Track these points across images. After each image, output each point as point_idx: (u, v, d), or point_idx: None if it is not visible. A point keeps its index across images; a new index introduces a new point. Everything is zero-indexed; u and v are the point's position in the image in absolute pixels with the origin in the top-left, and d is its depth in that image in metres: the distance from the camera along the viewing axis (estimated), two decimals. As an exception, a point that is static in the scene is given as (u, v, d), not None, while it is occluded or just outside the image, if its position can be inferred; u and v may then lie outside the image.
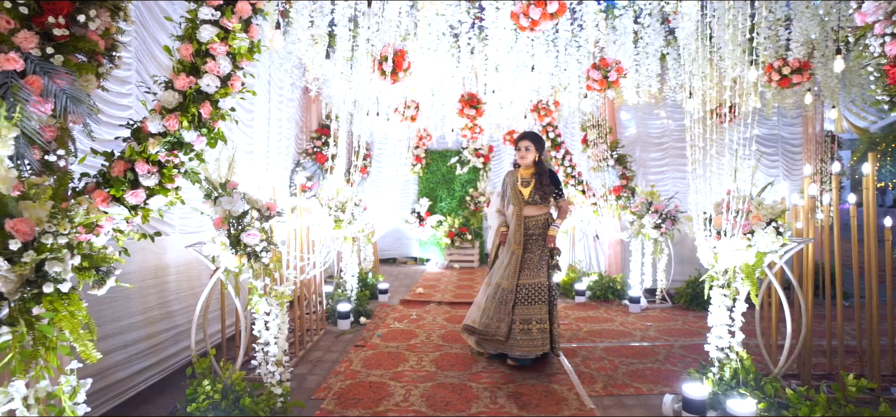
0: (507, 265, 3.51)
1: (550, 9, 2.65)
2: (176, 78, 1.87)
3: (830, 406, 2.13)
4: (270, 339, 2.48)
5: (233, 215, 2.42)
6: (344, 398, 2.94)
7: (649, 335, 4.36)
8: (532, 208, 3.56)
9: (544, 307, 3.40)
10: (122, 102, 2.81)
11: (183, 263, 3.48)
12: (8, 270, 1.19)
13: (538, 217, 3.57)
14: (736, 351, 2.61)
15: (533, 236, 3.55)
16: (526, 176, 3.60)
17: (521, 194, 3.57)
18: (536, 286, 3.43)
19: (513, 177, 3.66)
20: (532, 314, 3.39)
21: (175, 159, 1.88)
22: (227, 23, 1.89)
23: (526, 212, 3.56)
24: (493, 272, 3.65)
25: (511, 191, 3.61)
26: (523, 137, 3.59)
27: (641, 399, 2.97)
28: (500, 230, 3.72)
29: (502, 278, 3.49)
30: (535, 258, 3.51)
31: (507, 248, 3.59)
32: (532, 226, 3.55)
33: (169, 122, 1.82)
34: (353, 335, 4.38)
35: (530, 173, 3.60)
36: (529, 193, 3.55)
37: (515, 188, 3.60)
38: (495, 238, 3.78)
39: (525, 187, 3.57)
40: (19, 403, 1.22)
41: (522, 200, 3.56)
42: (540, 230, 3.55)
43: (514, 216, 3.56)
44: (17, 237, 1.24)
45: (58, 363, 1.32)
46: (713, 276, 2.68)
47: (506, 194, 3.69)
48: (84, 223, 1.48)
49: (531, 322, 3.36)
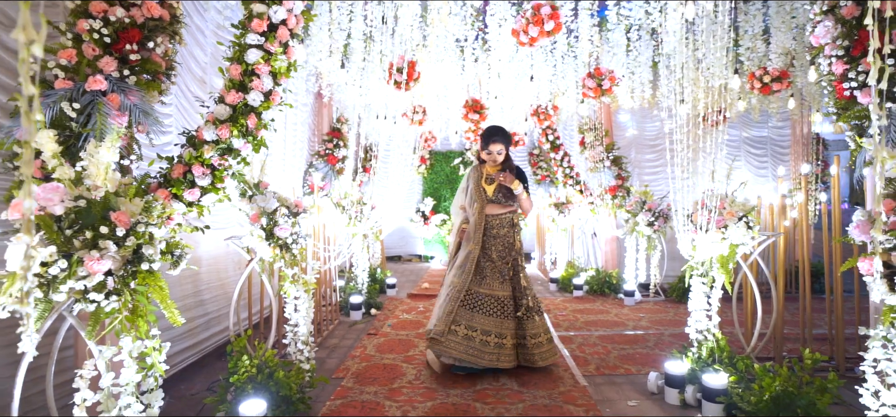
0: (463, 263, 3.29)
1: (547, 27, 2.97)
2: (227, 93, 2.19)
3: (790, 378, 2.44)
4: (300, 320, 2.81)
5: (266, 212, 2.75)
6: (361, 376, 3.26)
7: (641, 325, 4.68)
8: (495, 206, 3.35)
9: (509, 322, 3.20)
10: (165, 111, 3.14)
11: (212, 257, 3.81)
12: (116, 252, 1.52)
13: (502, 216, 3.36)
14: (712, 333, 2.93)
15: (495, 236, 3.33)
16: (492, 172, 3.40)
17: (485, 192, 3.36)
18: (500, 299, 3.23)
19: (477, 173, 3.45)
20: (491, 326, 3.16)
21: (225, 163, 2.20)
22: (270, 46, 2.22)
23: (488, 210, 3.35)
24: (448, 273, 3.43)
25: (474, 187, 3.39)
26: (495, 138, 3.33)
27: (630, 378, 3.29)
28: (461, 228, 3.49)
29: (455, 276, 3.28)
30: (496, 263, 3.29)
31: (465, 246, 3.38)
32: (495, 225, 3.34)
33: (221, 131, 2.15)
34: (365, 325, 4.70)
35: (497, 170, 3.39)
36: (494, 190, 3.35)
37: (479, 185, 3.38)
38: (455, 237, 3.53)
39: (490, 184, 3.37)
40: (126, 354, 1.55)
41: (486, 197, 3.35)
42: (504, 230, 3.35)
43: (476, 214, 3.34)
44: (119, 226, 1.57)
45: (147, 327, 1.65)
46: (693, 266, 2.99)
47: (469, 191, 3.46)
48: (160, 216, 1.81)
49: (490, 335, 3.14)
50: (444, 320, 3.14)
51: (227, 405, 2.50)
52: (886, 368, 1.65)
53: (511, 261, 3.35)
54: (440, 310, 3.23)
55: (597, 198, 6.18)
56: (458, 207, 3.61)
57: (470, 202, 3.43)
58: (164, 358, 1.72)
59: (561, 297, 6.14)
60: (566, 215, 7.12)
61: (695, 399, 2.76)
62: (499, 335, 3.16)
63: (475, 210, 3.35)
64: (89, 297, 1.47)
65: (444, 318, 3.15)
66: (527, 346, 3.25)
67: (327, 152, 6.41)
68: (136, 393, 1.59)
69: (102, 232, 1.52)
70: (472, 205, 3.39)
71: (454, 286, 3.24)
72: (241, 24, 2.24)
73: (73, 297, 1.45)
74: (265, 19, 2.19)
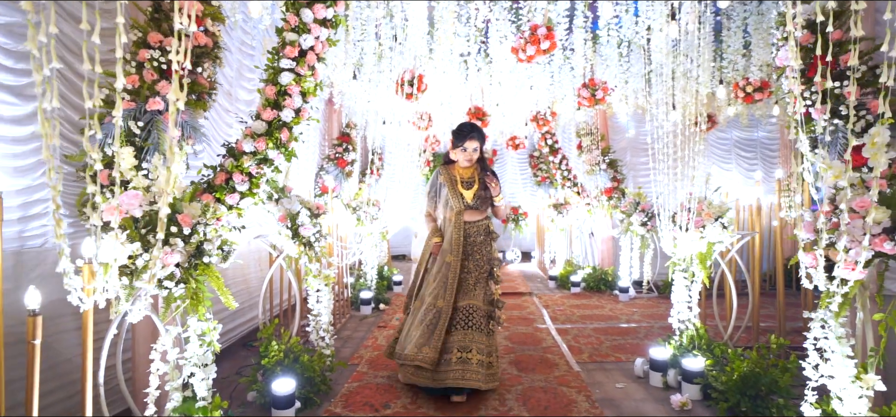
0: (443, 278, 2.98)
1: (543, 46, 3.28)
2: (263, 111, 2.52)
3: (759, 361, 2.75)
4: (322, 310, 3.13)
5: (291, 214, 3.07)
6: (374, 363, 3.58)
7: (634, 319, 5.00)
8: (473, 212, 3.07)
9: (482, 336, 2.90)
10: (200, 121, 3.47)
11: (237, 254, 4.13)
12: (183, 248, 1.84)
13: (480, 223, 3.09)
14: (693, 323, 3.25)
15: (474, 243, 3.05)
16: (466, 176, 3.10)
17: (463, 197, 3.05)
18: (474, 309, 2.94)
19: (449, 176, 3.11)
20: (472, 341, 2.87)
21: (261, 171, 2.53)
22: (300, 69, 2.54)
23: (467, 217, 3.05)
24: (423, 290, 3.10)
25: (450, 192, 3.07)
26: (472, 135, 3.02)
27: (619, 364, 3.61)
28: (433, 240, 3.14)
29: (436, 296, 2.95)
30: (473, 275, 3.01)
31: (440, 258, 3.05)
32: (473, 233, 3.05)
33: (259, 144, 2.47)
34: (374, 319, 5.03)
35: (472, 172, 3.11)
36: (473, 195, 3.06)
37: (455, 190, 3.06)
38: (426, 249, 3.18)
39: (467, 188, 3.07)
40: (192, 331, 1.87)
41: (464, 204, 3.04)
42: (481, 238, 3.07)
43: (452, 223, 3.04)
44: (184, 226, 1.89)
45: (204, 310, 1.97)
46: (675, 262, 3.31)
47: (439, 196, 3.14)
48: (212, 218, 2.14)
49: (471, 351, 2.83)
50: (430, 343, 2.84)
51: (259, 384, 2.83)
52: (823, 345, 1.96)
53: (485, 273, 3.07)
54: (419, 336, 2.89)
55: (593, 199, 6.49)
56: (427, 215, 3.25)
57: (444, 207, 3.11)
58: (218, 336, 2.04)
59: (559, 294, 6.45)
60: (564, 216, 7.44)
61: (676, 381, 3.07)
62: (480, 350, 2.85)
63: (449, 218, 3.07)
64: (163, 284, 1.80)
65: (434, 343, 2.83)
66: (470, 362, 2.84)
67: (337, 156, 6.74)
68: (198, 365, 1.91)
69: (172, 231, 1.84)
70: (446, 210, 3.09)
71: (437, 308, 2.92)
72: (274, 50, 2.56)
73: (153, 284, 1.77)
74: (296, 46, 2.51)
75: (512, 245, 9.77)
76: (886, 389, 1.84)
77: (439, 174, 3.16)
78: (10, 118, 2.01)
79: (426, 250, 3.20)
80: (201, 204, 2.04)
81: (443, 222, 3.15)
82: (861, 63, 2.35)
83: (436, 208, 3.18)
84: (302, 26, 2.51)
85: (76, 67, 2.33)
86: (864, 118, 2.30)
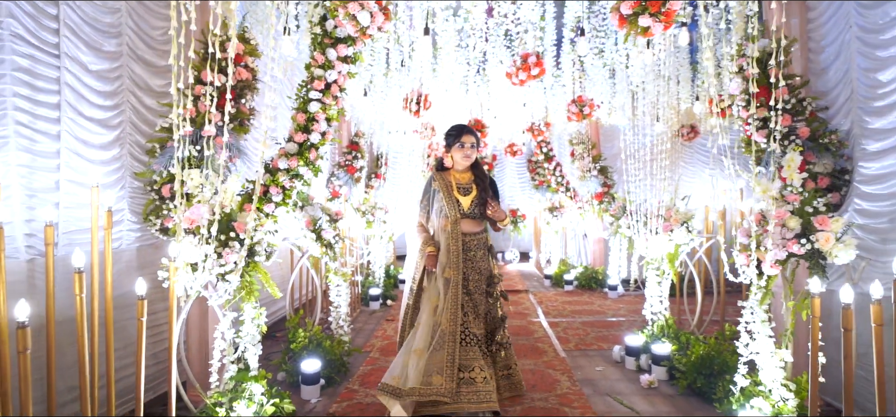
0: (443, 296, 2.69)
1: (534, 72, 3.76)
2: (294, 135, 3.00)
3: (715, 345, 3.22)
4: (341, 302, 3.62)
5: (315, 219, 3.56)
6: (384, 350, 4.07)
7: (619, 313, 5.47)
8: (471, 222, 2.81)
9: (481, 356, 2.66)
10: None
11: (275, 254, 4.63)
12: (239, 249, 2.33)
13: (479, 237, 2.85)
14: (663, 314, 3.72)
15: (473, 257, 2.79)
16: (463, 181, 2.85)
17: (460, 205, 2.79)
18: (479, 335, 2.74)
19: (444, 182, 2.84)
20: (472, 358, 2.61)
21: (293, 185, 3.01)
22: (326, 99, 3.02)
23: (464, 227, 2.78)
24: (421, 310, 2.77)
25: (445, 200, 2.79)
26: (465, 131, 2.84)
27: (601, 352, 4.09)
28: (427, 251, 2.80)
29: (439, 315, 2.67)
30: (478, 294, 2.79)
31: (438, 274, 2.74)
32: (473, 246, 2.79)
33: (292, 162, 2.96)
34: (382, 313, 5.52)
35: (469, 178, 2.87)
36: (470, 203, 2.80)
37: (451, 197, 2.80)
38: (420, 263, 2.84)
39: (464, 195, 2.81)
40: (246, 315, 2.36)
41: (461, 211, 2.78)
42: (481, 252, 2.83)
43: (448, 233, 2.75)
44: (240, 232, 2.38)
45: (253, 299, 2.46)
46: (648, 261, 3.79)
47: (432, 204, 2.87)
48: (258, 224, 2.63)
49: (473, 369, 2.58)
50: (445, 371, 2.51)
51: (288, 365, 3.32)
52: (752, 327, 2.43)
53: (487, 294, 2.85)
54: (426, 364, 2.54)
55: (585, 203, 6.97)
56: (419, 226, 2.94)
57: (438, 215, 2.83)
58: (265, 320, 2.54)
59: (553, 291, 6.94)
60: (559, 218, 7.91)
61: (647, 364, 3.55)
62: (482, 367, 2.61)
63: (445, 227, 2.77)
64: (227, 278, 2.28)
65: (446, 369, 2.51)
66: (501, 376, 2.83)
67: (347, 163, 7.23)
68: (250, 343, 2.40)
69: (231, 236, 2.33)
70: (440, 218, 2.81)
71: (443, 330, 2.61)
72: (303, 83, 3.04)
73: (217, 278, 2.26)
74: (322, 80, 2.99)
75: (511, 246, 10.24)
76: (794, 360, 2.32)
77: (432, 180, 2.89)
78: (99, 145, 2.50)
79: (419, 265, 2.83)
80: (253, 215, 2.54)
81: (436, 232, 2.84)
82: (791, 96, 2.83)
83: (429, 217, 2.90)
84: (327, 63, 2.99)
85: (145, 100, 2.82)
86: (793, 142, 2.78)
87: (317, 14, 3.02)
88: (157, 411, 2.81)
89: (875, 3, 2.50)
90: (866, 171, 2.58)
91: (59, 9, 2.22)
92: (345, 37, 2.97)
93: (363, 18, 2.73)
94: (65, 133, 2.28)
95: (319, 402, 3.06)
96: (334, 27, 2.95)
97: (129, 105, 2.71)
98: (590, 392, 3.20)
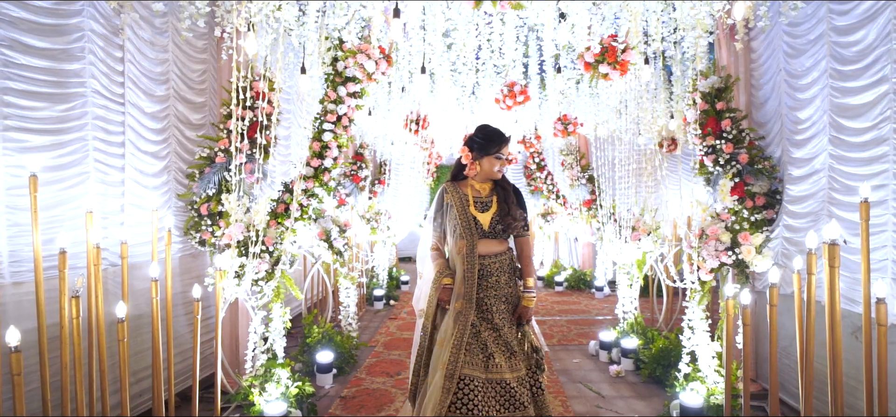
0: (451, 330, 2.18)
1: (519, 100, 4.26)
2: (311, 160, 3.52)
3: (674, 340, 3.72)
4: (350, 302, 4.14)
5: (327, 230, 4.08)
6: (389, 345, 4.58)
7: (603, 312, 5.97)
8: (491, 242, 2.29)
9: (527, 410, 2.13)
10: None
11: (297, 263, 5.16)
12: (269, 260, 2.85)
13: (501, 257, 2.30)
14: (633, 313, 4.22)
15: (495, 283, 2.25)
16: (482, 194, 2.33)
17: (477, 222, 2.27)
18: (508, 384, 2.15)
19: (459, 194, 2.32)
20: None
21: (310, 203, 3.53)
22: (337, 130, 3.54)
23: (482, 248, 2.26)
24: (434, 358, 2.22)
25: (458, 216, 2.28)
26: (506, 140, 2.29)
27: (580, 347, 4.59)
28: (442, 281, 2.30)
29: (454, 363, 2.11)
30: (500, 330, 2.19)
31: (451, 307, 2.24)
32: (495, 269, 2.26)
33: (308, 184, 3.47)
34: (386, 313, 6.04)
35: (488, 189, 2.34)
36: (490, 220, 2.28)
37: (466, 214, 2.28)
38: (433, 294, 2.31)
39: (483, 210, 2.29)
40: (276, 313, 2.89)
41: (478, 230, 2.27)
42: (504, 278, 2.27)
43: (463, 256, 2.24)
44: (267, 245, 2.90)
45: (280, 300, 2.98)
46: (620, 266, 4.29)
47: (446, 220, 2.36)
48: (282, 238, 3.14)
49: None
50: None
51: (304, 357, 3.84)
52: (692, 323, 2.93)
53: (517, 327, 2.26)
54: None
55: (575, 210, 7.46)
56: (433, 249, 2.42)
57: (452, 235, 2.32)
58: (289, 317, 3.06)
59: (544, 292, 7.44)
60: (551, 223, 8.41)
61: (617, 357, 4.05)
62: None
63: (459, 249, 2.26)
64: (260, 284, 2.80)
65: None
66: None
67: (352, 173, 7.76)
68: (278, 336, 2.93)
69: (261, 249, 2.85)
70: (454, 239, 2.30)
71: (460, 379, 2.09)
72: (317, 116, 3.55)
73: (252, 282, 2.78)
74: (334, 113, 3.51)
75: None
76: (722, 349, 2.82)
77: (445, 192, 2.37)
78: (151, 173, 3.02)
79: (432, 300, 2.30)
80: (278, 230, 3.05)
81: (451, 255, 2.34)
82: (733, 127, 3.32)
83: (444, 238, 2.39)
84: (338, 99, 3.51)
85: (186, 132, 3.34)
86: (735, 167, 3.27)
87: (329, 56, 3.54)
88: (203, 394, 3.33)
89: (796, 53, 3.00)
90: (792, 192, 3.07)
91: (124, 65, 2.74)
92: (353, 76, 3.49)
93: (369, 66, 3.24)
94: (128, 166, 2.80)
95: (332, 387, 3.57)
96: (344, 68, 3.46)
97: (174, 138, 3.23)
98: (565, 380, 3.71)
